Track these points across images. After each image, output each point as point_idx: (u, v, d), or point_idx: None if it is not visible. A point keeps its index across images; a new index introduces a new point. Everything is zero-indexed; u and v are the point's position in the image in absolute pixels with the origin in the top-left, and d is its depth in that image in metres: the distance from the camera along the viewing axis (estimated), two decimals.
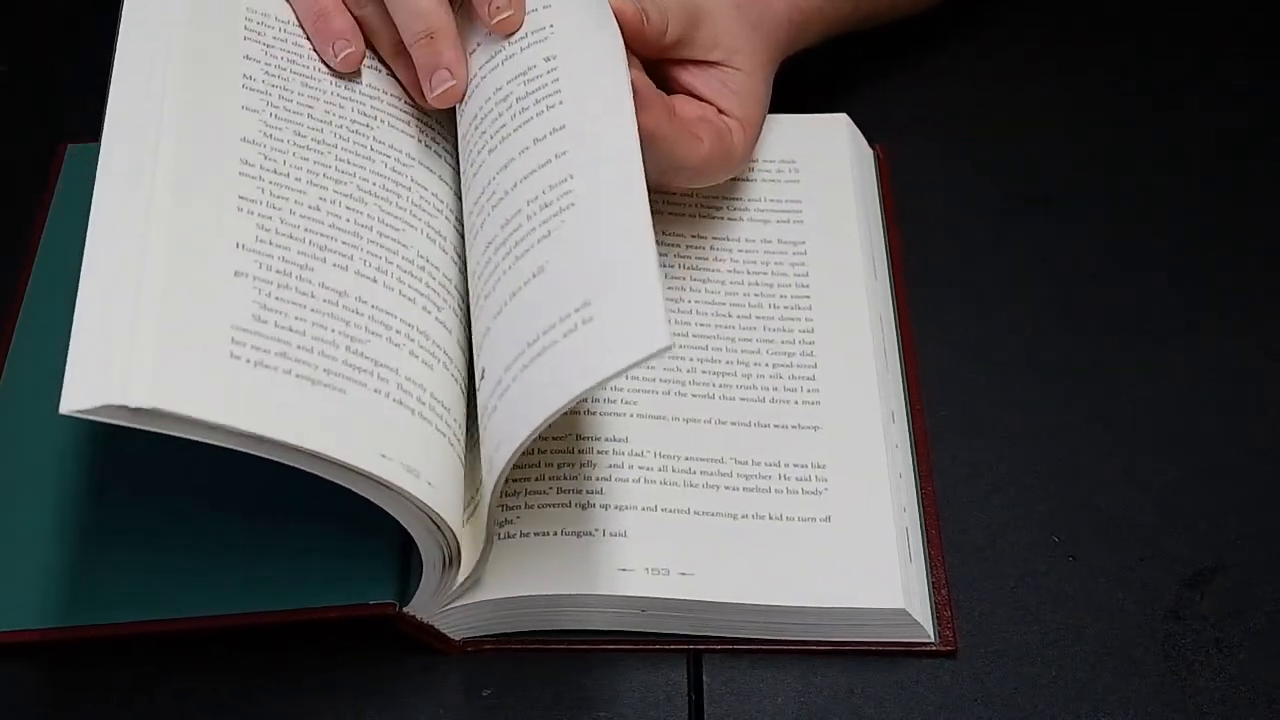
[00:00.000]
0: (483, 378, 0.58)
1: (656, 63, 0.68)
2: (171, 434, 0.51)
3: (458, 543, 0.57)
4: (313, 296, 0.57)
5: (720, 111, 0.68)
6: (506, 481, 0.63)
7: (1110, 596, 0.64)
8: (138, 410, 0.50)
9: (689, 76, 0.68)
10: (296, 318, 0.56)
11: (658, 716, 0.61)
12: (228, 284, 0.55)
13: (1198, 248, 0.75)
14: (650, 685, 0.61)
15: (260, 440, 0.52)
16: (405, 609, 0.60)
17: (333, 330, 0.56)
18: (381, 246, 0.60)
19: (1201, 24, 0.85)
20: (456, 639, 0.62)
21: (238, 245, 0.56)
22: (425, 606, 0.60)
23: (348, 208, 0.61)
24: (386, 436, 0.55)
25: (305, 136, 0.62)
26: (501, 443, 0.55)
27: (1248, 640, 0.62)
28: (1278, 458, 0.68)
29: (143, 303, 0.53)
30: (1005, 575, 0.64)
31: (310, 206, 0.59)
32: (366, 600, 0.59)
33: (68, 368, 0.51)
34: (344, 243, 0.59)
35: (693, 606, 0.61)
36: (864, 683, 0.61)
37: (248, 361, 0.53)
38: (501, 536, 0.62)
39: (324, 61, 0.66)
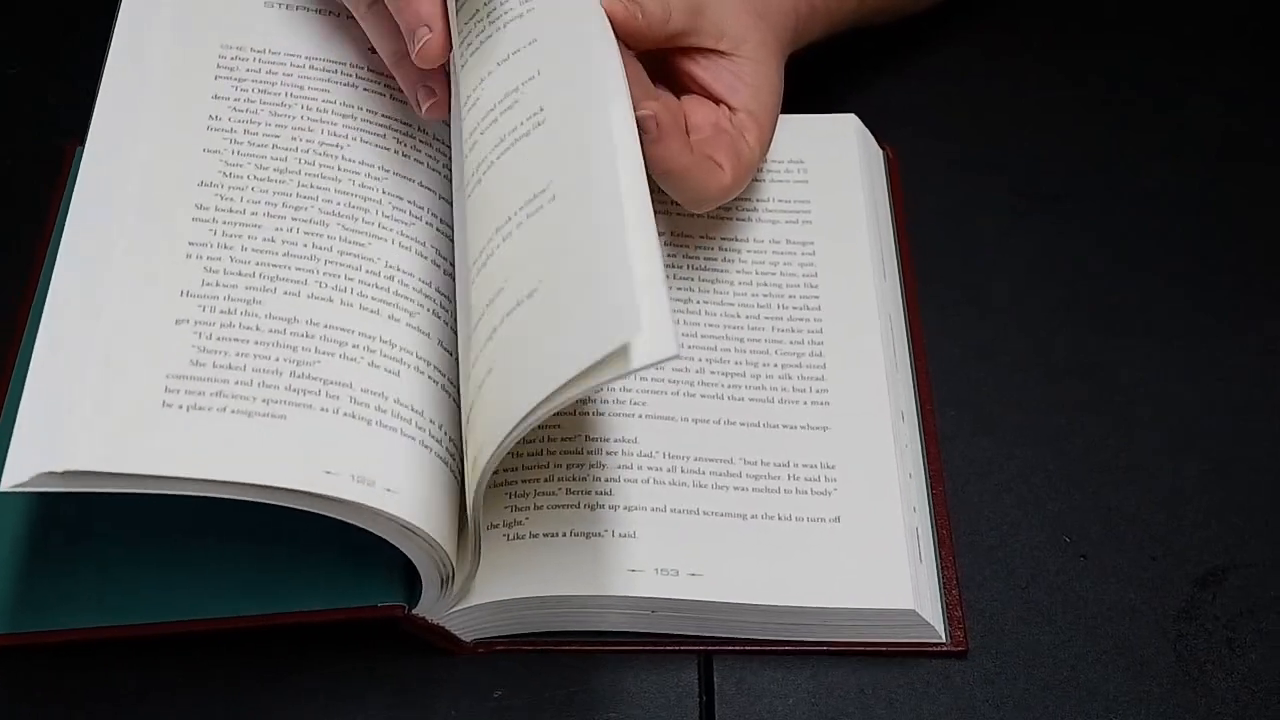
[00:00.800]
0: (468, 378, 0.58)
1: (664, 55, 0.68)
2: (108, 491, 0.53)
3: (441, 546, 0.57)
4: (257, 329, 0.58)
5: (732, 110, 0.68)
6: (515, 483, 0.63)
7: (1122, 596, 0.63)
8: (66, 474, 0.53)
9: (698, 69, 0.68)
10: (238, 354, 0.57)
11: (669, 717, 0.60)
12: (167, 334, 0.57)
13: (1207, 246, 0.75)
14: (661, 686, 0.61)
15: (190, 482, 0.54)
16: (413, 610, 0.60)
17: (276, 359, 0.58)
18: (342, 265, 0.62)
19: (1204, 26, 0.85)
20: (467, 640, 0.62)
21: (182, 293, 0.59)
22: (433, 608, 0.60)
23: (306, 233, 0.62)
24: (332, 452, 0.56)
25: (267, 169, 0.64)
26: (484, 444, 0.55)
27: (1260, 640, 0.62)
28: None
29: (86, 366, 0.56)
30: (1016, 575, 0.64)
31: (265, 239, 0.61)
32: (375, 602, 0.59)
33: (11, 445, 0.54)
34: (299, 269, 0.61)
35: (702, 607, 0.61)
36: (875, 683, 0.61)
37: (180, 408, 0.55)
38: (511, 538, 0.62)
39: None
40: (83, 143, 0.75)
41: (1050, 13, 0.87)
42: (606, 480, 0.63)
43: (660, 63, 0.68)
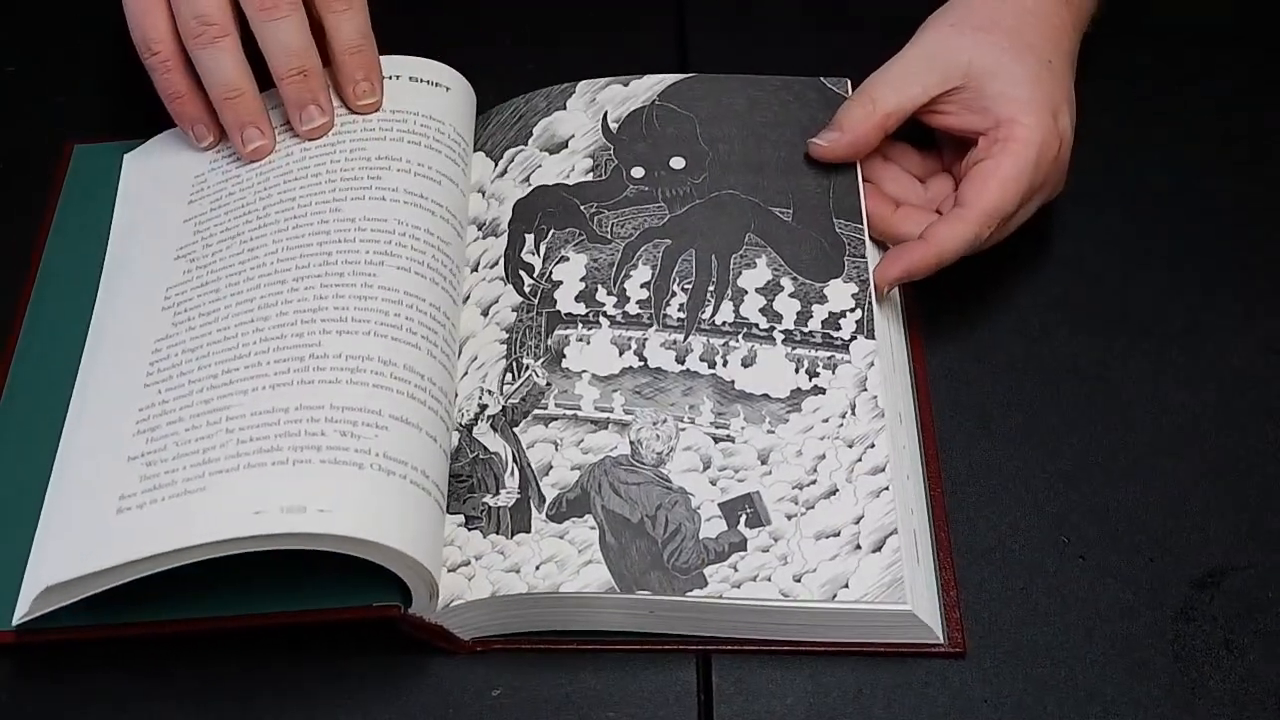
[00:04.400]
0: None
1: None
2: (81, 598, 0.58)
3: (400, 552, 0.58)
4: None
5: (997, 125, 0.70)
6: None
7: (1119, 597, 0.64)
8: (46, 593, 0.58)
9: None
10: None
11: (667, 717, 0.61)
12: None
13: (1206, 246, 0.75)
14: (660, 686, 0.61)
15: (141, 563, 0.57)
16: (410, 610, 0.60)
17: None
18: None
19: (1204, 26, 0.85)
20: (465, 639, 0.62)
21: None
22: (426, 609, 0.60)
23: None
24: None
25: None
26: None
27: (1257, 641, 0.62)
28: None
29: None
30: (1014, 576, 0.64)
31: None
32: (371, 603, 0.60)
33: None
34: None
35: (701, 608, 0.61)
36: (873, 683, 0.61)
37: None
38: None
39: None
40: (79, 141, 0.76)
41: None
42: None
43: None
